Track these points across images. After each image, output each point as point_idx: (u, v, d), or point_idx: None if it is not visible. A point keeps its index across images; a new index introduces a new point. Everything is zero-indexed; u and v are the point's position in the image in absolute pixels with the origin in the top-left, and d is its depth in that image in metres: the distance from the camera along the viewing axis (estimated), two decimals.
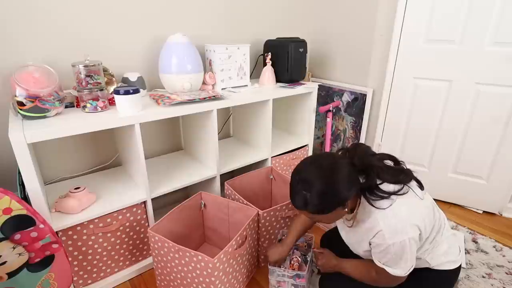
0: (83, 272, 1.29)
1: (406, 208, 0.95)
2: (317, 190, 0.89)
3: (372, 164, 0.97)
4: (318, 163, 0.94)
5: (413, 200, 0.98)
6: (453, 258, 1.07)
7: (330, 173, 0.90)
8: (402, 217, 0.93)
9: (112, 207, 1.28)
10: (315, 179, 0.90)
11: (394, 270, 0.96)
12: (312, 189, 0.89)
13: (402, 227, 0.92)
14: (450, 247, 1.08)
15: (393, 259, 0.95)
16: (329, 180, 0.90)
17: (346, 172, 0.92)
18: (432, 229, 1.01)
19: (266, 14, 2.01)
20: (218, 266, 1.11)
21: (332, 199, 0.90)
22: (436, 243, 1.04)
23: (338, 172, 0.91)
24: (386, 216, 0.94)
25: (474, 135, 1.83)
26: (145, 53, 1.58)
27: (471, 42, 1.69)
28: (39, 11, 1.26)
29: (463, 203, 2.01)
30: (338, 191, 0.90)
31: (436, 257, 1.05)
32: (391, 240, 0.92)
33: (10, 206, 0.92)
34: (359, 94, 2.11)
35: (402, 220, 0.93)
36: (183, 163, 1.69)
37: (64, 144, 1.45)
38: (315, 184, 0.89)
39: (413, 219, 0.94)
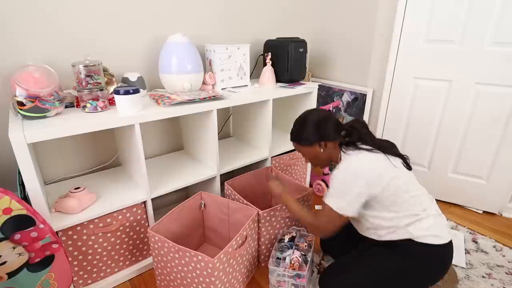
0: (83, 272, 1.29)
1: (369, 159, 1.11)
2: (304, 125, 1.20)
3: (355, 127, 1.18)
4: (316, 110, 1.24)
5: (379, 157, 1.11)
6: (438, 233, 1.10)
7: (321, 116, 1.19)
8: (360, 162, 1.10)
9: (112, 207, 1.28)
10: (309, 117, 1.20)
11: (333, 201, 1.09)
12: (301, 124, 1.21)
13: (356, 169, 1.08)
14: (436, 224, 1.11)
15: (336, 192, 1.10)
16: (317, 119, 1.18)
17: (333, 121, 1.18)
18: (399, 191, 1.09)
19: (266, 14, 2.01)
20: (218, 266, 1.11)
21: (315, 133, 1.17)
22: (419, 216, 1.10)
23: (326, 118, 1.19)
24: (349, 157, 1.13)
25: (474, 135, 1.83)
26: (145, 53, 1.58)
27: (471, 42, 1.69)
28: (39, 11, 1.26)
29: (463, 203, 2.01)
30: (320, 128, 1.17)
31: (420, 230, 1.09)
32: (344, 173, 1.09)
33: (10, 206, 0.92)
34: (359, 94, 2.11)
35: (358, 165, 1.10)
36: (183, 163, 1.69)
37: (64, 144, 1.45)
38: (304, 121, 1.21)
39: (370, 169, 1.08)
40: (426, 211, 1.11)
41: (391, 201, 1.10)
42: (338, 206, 1.08)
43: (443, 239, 1.10)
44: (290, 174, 1.97)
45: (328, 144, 1.18)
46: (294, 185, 1.65)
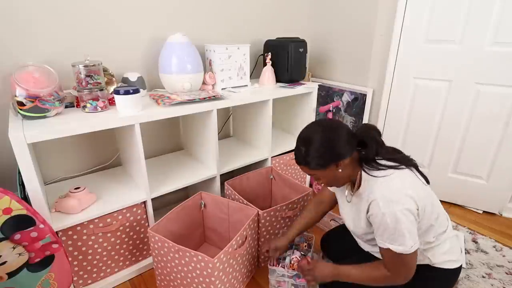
0: (83, 272, 1.29)
1: (401, 180, 0.96)
2: (315, 145, 0.97)
3: (372, 136, 1.01)
4: (320, 123, 1.02)
5: (410, 176, 0.99)
6: (454, 257, 1.08)
7: (328, 130, 0.98)
8: (396, 187, 0.95)
9: (112, 207, 1.28)
10: (314, 135, 0.98)
11: (398, 247, 0.93)
12: (311, 145, 0.97)
13: (396, 197, 0.93)
14: (452, 247, 1.08)
15: (392, 232, 0.93)
16: (325, 136, 0.97)
17: (344, 133, 0.98)
18: (431, 213, 1.00)
19: (266, 14, 2.01)
20: (218, 266, 1.11)
21: (327, 154, 0.97)
22: (438, 240, 1.04)
23: (335, 131, 0.98)
24: (381, 185, 0.96)
25: (474, 135, 1.83)
26: (145, 53, 1.58)
27: (471, 42, 1.69)
28: (39, 11, 1.26)
29: (463, 203, 2.01)
30: (333, 147, 0.96)
31: (438, 255, 1.05)
32: (384, 209, 0.92)
33: (10, 206, 0.92)
34: (359, 94, 2.11)
35: (396, 190, 0.94)
36: (183, 163, 1.69)
37: (64, 144, 1.45)
38: (313, 139, 0.97)
39: (408, 191, 0.94)
40: (445, 233, 1.06)
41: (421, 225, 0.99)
42: (403, 248, 0.93)
43: (458, 263, 1.08)
44: (290, 174, 1.97)
45: (345, 162, 0.98)
46: (294, 185, 1.65)
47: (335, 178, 1.03)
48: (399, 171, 0.98)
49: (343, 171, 1.00)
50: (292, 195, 1.61)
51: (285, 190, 1.72)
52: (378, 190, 0.96)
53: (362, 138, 1.01)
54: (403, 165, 1.00)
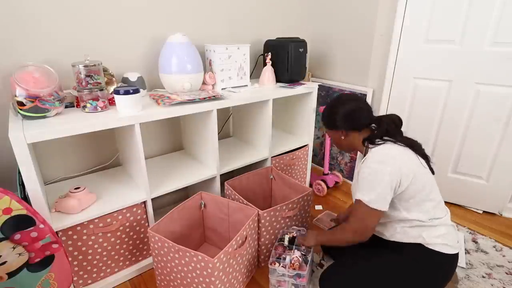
0: (83, 272, 1.29)
1: (399, 152, 1.08)
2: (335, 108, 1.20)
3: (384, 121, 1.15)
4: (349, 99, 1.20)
5: (407, 151, 1.10)
6: (449, 243, 1.10)
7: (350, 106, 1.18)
8: (390, 153, 1.07)
9: (112, 207, 1.28)
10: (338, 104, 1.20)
11: (364, 197, 1.05)
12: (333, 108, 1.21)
13: (384, 159, 1.05)
14: (449, 233, 1.11)
15: (367, 185, 1.05)
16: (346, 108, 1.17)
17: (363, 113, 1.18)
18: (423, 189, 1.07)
19: (266, 14, 2.01)
20: (218, 266, 1.11)
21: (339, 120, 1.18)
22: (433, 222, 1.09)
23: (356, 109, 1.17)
24: (378, 149, 1.10)
25: (474, 135, 1.83)
26: (145, 53, 1.58)
27: (471, 42, 1.69)
28: (39, 11, 1.26)
29: (463, 203, 2.01)
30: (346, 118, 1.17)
31: (432, 237, 1.09)
32: (371, 164, 1.06)
33: (10, 206, 0.92)
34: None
35: (388, 155, 1.07)
36: (183, 163, 1.69)
37: (64, 144, 1.45)
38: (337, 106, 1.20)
39: (399, 161, 1.05)
40: (441, 219, 1.10)
41: (412, 200, 1.07)
42: (368, 198, 1.04)
43: (453, 250, 1.10)
44: (290, 174, 1.97)
45: (351, 134, 1.19)
46: (294, 185, 1.65)
47: (338, 141, 1.25)
48: (397, 145, 1.10)
49: (346, 139, 1.21)
50: (292, 195, 1.61)
51: (285, 190, 1.72)
52: (371, 152, 1.10)
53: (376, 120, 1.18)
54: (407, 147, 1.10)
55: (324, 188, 2.11)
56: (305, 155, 2.02)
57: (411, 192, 1.06)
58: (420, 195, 1.07)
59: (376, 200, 1.04)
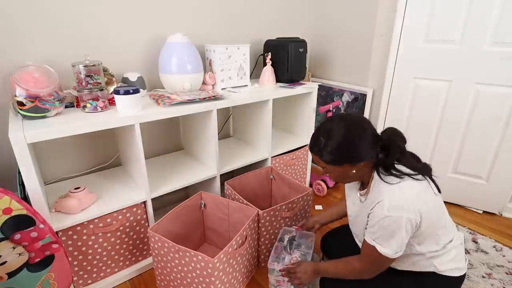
0: (83, 272, 1.29)
1: (415, 191, 0.94)
2: (336, 140, 0.95)
3: (397, 143, 0.98)
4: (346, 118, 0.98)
5: (423, 186, 0.97)
6: (460, 265, 1.07)
7: (353, 129, 0.95)
8: (407, 195, 0.93)
9: (112, 207, 1.28)
10: (338, 130, 0.95)
11: (383, 249, 0.95)
12: (332, 139, 0.95)
13: (404, 204, 0.92)
14: (458, 255, 1.08)
15: (385, 235, 0.94)
16: (349, 135, 0.94)
17: (369, 135, 0.96)
18: (438, 222, 1.00)
19: (266, 14, 2.01)
20: (218, 266, 1.11)
21: (346, 154, 0.95)
22: (445, 248, 1.04)
23: (360, 131, 0.95)
24: (392, 190, 0.95)
25: (474, 135, 1.83)
26: (145, 53, 1.58)
27: (471, 42, 1.69)
28: (39, 11, 1.26)
29: (463, 203, 2.01)
30: (354, 148, 0.94)
31: (445, 263, 1.05)
32: (389, 212, 0.92)
33: (10, 206, 0.92)
34: (359, 94, 2.11)
35: (406, 198, 0.93)
36: (183, 163, 1.69)
37: (64, 144, 1.45)
38: (334, 134, 0.95)
39: (418, 202, 0.93)
40: (451, 242, 1.06)
41: (425, 233, 0.99)
42: (385, 251, 0.95)
43: (462, 272, 1.08)
44: (290, 174, 1.97)
45: (362, 164, 0.98)
46: (294, 185, 1.65)
47: (346, 176, 1.02)
48: (413, 181, 0.96)
49: (357, 172, 1.00)
50: (292, 195, 1.61)
51: (285, 190, 1.72)
52: (387, 194, 0.95)
53: (386, 143, 0.98)
54: (420, 175, 0.98)
55: (324, 188, 2.11)
56: (305, 155, 2.02)
57: (425, 227, 0.97)
58: (434, 226, 0.99)
59: (395, 251, 0.95)
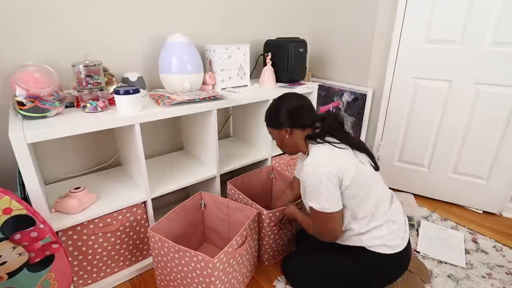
0: (83, 272, 1.29)
1: (336, 152, 1.10)
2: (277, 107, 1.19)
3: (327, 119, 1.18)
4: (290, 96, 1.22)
5: (346, 152, 1.11)
6: (389, 243, 1.13)
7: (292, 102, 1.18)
8: (326, 154, 1.09)
9: (112, 207, 1.28)
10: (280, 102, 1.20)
11: (317, 205, 1.08)
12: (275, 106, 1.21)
13: (322, 161, 1.07)
14: (389, 234, 1.14)
15: (313, 191, 1.07)
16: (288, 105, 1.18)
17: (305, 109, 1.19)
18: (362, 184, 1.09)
19: (266, 14, 2.01)
20: (218, 266, 1.11)
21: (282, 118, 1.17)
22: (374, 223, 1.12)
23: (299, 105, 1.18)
24: (313, 151, 1.12)
25: (474, 135, 1.83)
26: (145, 53, 1.58)
27: (471, 42, 1.69)
28: (39, 11, 1.26)
29: (463, 203, 2.01)
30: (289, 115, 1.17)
31: (372, 239, 1.13)
32: (310, 169, 1.07)
33: (10, 206, 0.92)
34: (359, 94, 2.11)
35: (324, 156, 1.09)
36: (183, 163, 1.69)
37: (64, 144, 1.45)
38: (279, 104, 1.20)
39: (336, 160, 1.08)
40: (379, 219, 1.13)
41: (351, 203, 1.11)
42: (320, 205, 1.08)
43: (396, 248, 1.14)
44: (290, 174, 1.97)
45: (295, 132, 1.19)
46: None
47: (282, 141, 1.23)
48: (335, 147, 1.11)
49: (290, 138, 1.20)
50: None
51: None
52: (310, 156, 1.11)
53: (320, 119, 1.20)
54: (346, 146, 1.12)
55: None
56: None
57: (352, 190, 1.08)
58: (361, 192, 1.10)
59: (327, 204, 1.07)
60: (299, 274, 1.30)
